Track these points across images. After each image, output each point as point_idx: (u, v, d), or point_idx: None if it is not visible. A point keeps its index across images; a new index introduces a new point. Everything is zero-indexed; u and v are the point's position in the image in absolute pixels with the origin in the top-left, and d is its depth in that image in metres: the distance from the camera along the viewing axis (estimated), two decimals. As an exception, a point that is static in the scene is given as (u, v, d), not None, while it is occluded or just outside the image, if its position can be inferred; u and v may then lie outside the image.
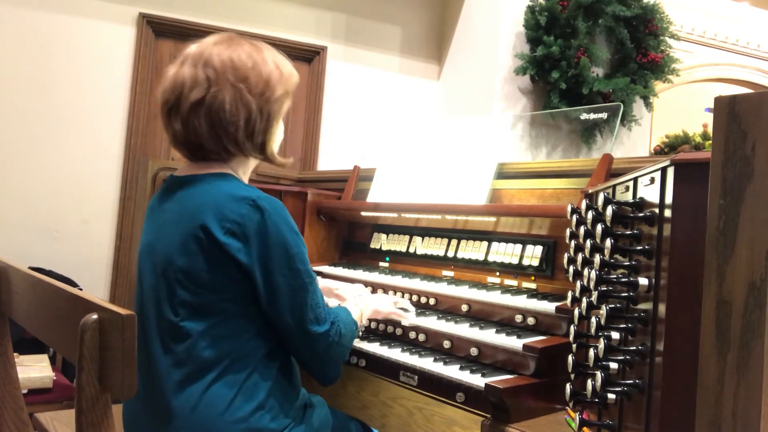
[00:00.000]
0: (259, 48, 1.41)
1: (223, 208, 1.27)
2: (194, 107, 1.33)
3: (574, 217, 1.40)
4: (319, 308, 1.38)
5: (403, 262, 2.28)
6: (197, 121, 1.33)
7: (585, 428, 1.27)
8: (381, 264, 2.35)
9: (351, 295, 1.87)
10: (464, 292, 1.87)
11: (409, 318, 1.84)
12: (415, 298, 2.01)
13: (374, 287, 2.13)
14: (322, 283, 1.93)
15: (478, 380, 1.52)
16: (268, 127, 1.39)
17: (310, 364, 1.41)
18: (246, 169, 1.46)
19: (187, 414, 1.26)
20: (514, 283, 1.89)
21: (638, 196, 1.13)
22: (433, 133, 2.38)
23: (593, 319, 1.16)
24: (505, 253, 1.93)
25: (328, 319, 1.39)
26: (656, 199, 1.04)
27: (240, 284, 1.29)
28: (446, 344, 1.76)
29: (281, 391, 1.35)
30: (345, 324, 1.45)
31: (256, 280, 1.28)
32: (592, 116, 3.10)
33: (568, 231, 1.46)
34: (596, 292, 1.15)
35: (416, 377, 1.69)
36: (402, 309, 1.86)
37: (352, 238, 2.55)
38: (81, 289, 3.04)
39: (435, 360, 1.69)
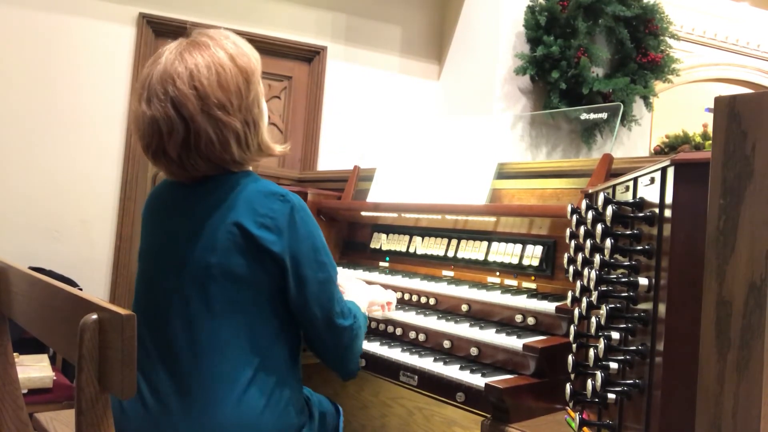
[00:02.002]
0: (211, 50, 1.31)
1: (255, 204, 1.29)
2: (182, 150, 1.29)
3: (574, 217, 1.40)
4: (342, 302, 1.40)
5: (403, 262, 2.28)
6: (192, 160, 1.30)
7: (585, 428, 1.27)
8: (381, 264, 2.35)
9: (347, 287, 1.87)
10: (464, 292, 1.87)
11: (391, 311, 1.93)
12: (415, 298, 2.01)
13: (374, 287, 2.13)
14: None
15: (478, 380, 1.52)
16: (257, 129, 1.36)
17: (335, 359, 1.42)
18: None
19: (228, 413, 1.24)
20: (514, 283, 1.89)
21: (638, 196, 1.13)
22: (433, 133, 2.37)
23: (593, 319, 1.16)
24: (505, 253, 1.93)
25: (350, 313, 1.42)
26: (656, 199, 1.04)
27: (275, 278, 1.30)
28: (446, 344, 1.76)
29: (298, 387, 1.39)
30: (362, 318, 1.49)
31: (288, 271, 1.30)
32: (592, 116, 3.10)
33: (568, 231, 1.46)
34: (596, 292, 1.15)
35: (416, 377, 1.69)
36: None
37: (352, 238, 2.55)
38: (81, 289, 3.04)
39: (435, 360, 1.69)
